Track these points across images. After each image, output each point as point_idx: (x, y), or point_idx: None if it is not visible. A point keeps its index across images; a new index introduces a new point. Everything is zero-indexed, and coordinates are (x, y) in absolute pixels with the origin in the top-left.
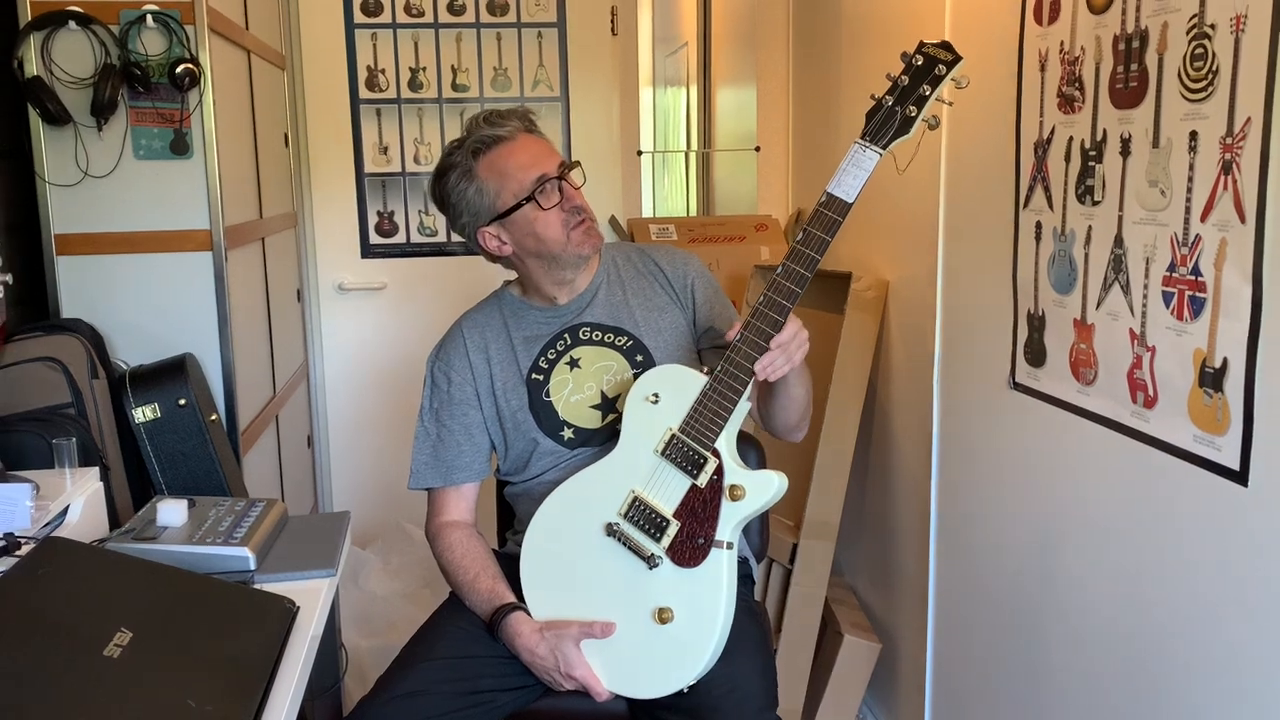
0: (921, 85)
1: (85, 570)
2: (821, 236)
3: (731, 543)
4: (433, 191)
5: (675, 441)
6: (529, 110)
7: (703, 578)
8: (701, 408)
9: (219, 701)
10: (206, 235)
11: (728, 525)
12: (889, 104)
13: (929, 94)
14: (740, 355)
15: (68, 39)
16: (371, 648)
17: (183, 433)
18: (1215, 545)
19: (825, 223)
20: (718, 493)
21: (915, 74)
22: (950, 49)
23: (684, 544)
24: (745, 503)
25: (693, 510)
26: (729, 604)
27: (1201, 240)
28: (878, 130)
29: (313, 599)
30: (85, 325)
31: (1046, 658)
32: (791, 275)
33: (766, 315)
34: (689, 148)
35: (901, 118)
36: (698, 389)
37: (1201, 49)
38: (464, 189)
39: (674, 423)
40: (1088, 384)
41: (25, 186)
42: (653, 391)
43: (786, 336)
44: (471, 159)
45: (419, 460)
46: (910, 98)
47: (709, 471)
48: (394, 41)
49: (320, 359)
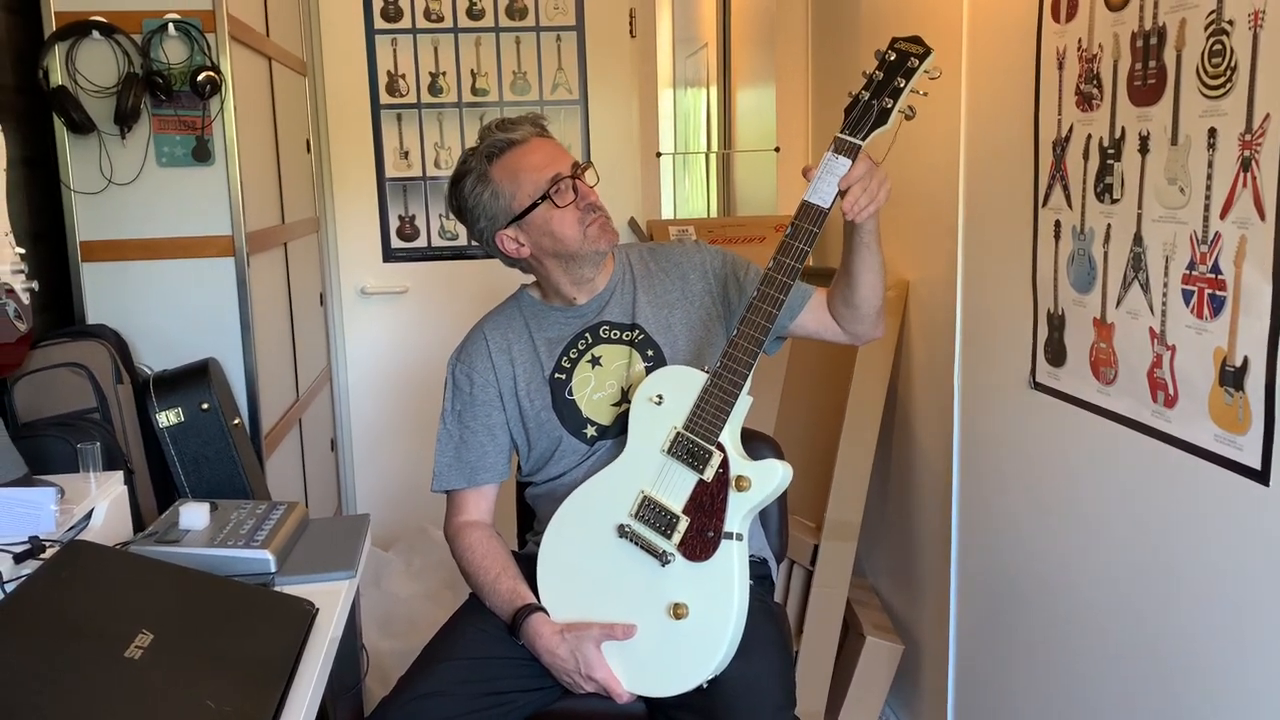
0: (896, 78)
1: (108, 573)
2: (801, 246)
3: (741, 534)
4: (449, 199)
5: (680, 439)
6: (540, 115)
7: (715, 570)
8: (704, 404)
9: (238, 702)
10: (229, 241)
11: (736, 516)
12: (865, 98)
13: (903, 86)
14: (738, 350)
15: (91, 49)
16: (393, 649)
17: (206, 436)
18: (1237, 545)
19: (803, 233)
20: (724, 485)
21: (889, 68)
22: (921, 43)
23: (694, 538)
24: (751, 493)
25: (701, 504)
26: (742, 594)
27: (1221, 238)
28: (856, 123)
29: (332, 601)
30: (110, 331)
31: (1069, 658)
32: (783, 268)
33: (761, 309)
34: (709, 149)
35: (879, 110)
36: (699, 386)
37: (1220, 45)
38: (480, 193)
39: (678, 421)
40: (1108, 383)
41: (51, 194)
42: (656, 393)
43: (858, 173)
44: (486, 163)
45: (442, 462)
46: (885, 91)
47: (714, 465)
48: (414, 47)
49: (343, 363)
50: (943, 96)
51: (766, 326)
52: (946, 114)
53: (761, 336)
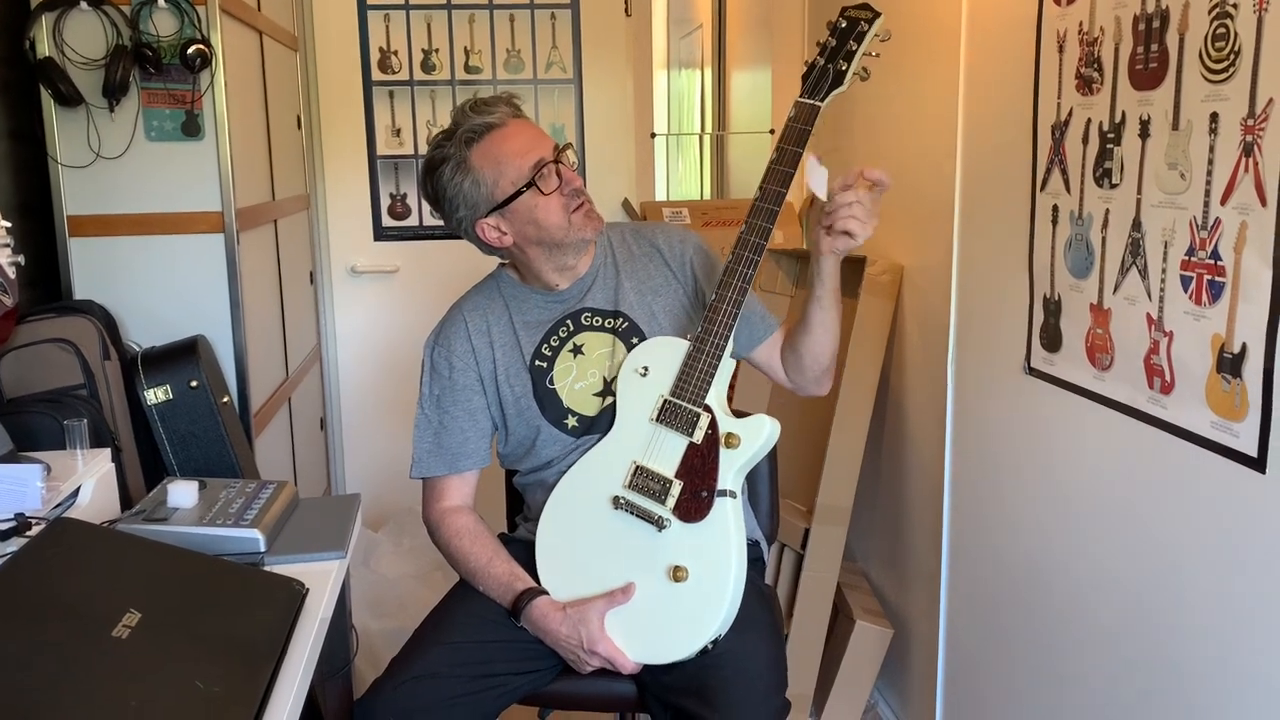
0: (849, 42)
1: (95, 551)
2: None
3: (735, 492)
4: (424, 188)
5: (668, 406)
6: (513, 95)
7: (710, 529)
8: (689, 370)
9: (226, 682)
10: (218, 217)
11: (728, 473)
12: (821, 63)
13: (856, 49)
14: (718, 314)
15: (79, 20)
16: (382, 630)
17: (194, 414)
18: (1232, 531)
19: (770, 194)
20: (714, 444)
21: (840, 34)
22: (869, 8)
23: (689, 500)
24: (741, 449)
25: (692, 467)
26: (740, 550)
27: (1221, 223)
28: (814, 86)
29: (322, 581)
30: (97, 307)
31: (1059, 644)
32: (754, 229)
33: (737, 270)
34: (703, 130)
35: (834, 73)
36: (683, 353)
37: (1223, 29)
38: (460, 182)
39: (664, 389)
40: (1104, 369)
41: (37, 168)
42: (642, 365)
43: (850, 197)
44: (465, 149)
45: (421, 448)
46: (840, 54)
47: (703, 426)
48: (406, 23)
49: (333, 342)
50: (940, 79)
51: (744, 288)
52: (943, 97)
53: (740, 298)
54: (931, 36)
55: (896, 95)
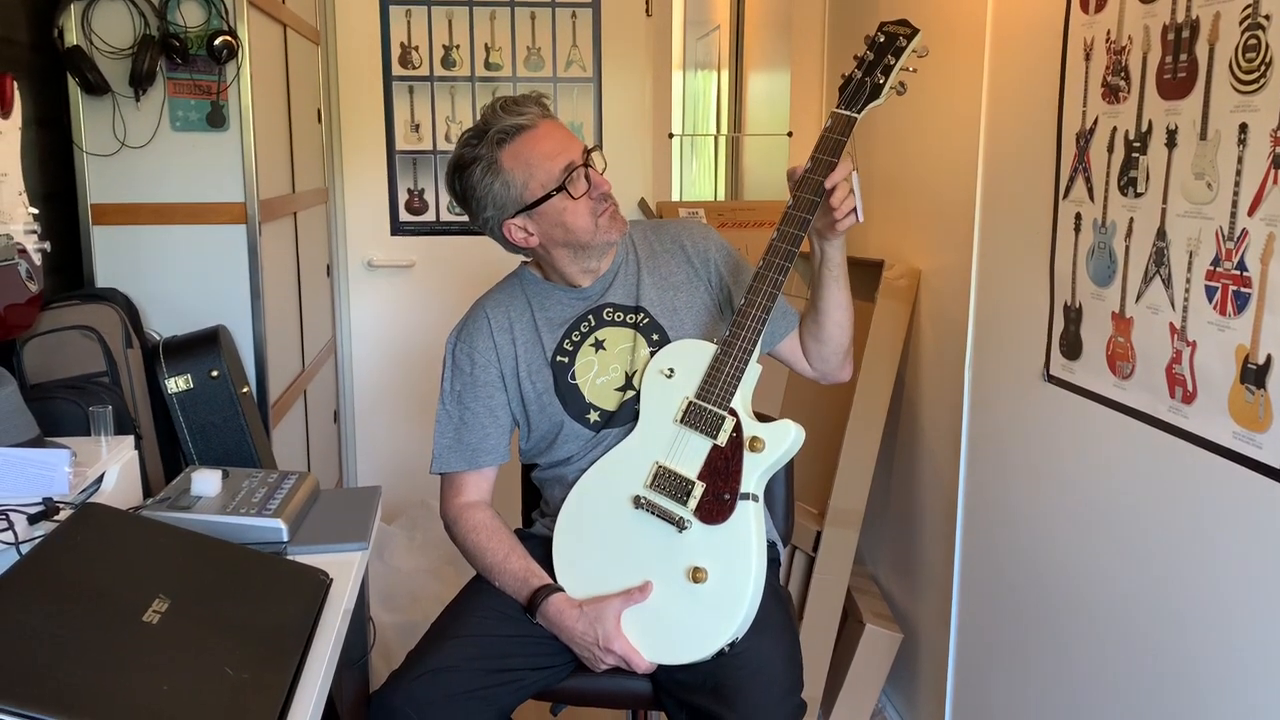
0: (886, 57)
1: (122, 537)
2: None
3: (757, 495)
4: (451, 186)
5: (693, 408)
6: (542, 94)
7: (732, 531)
8: (715, 373)
9: (255, 670)
10: (241, 208)
11: (751, 477)
12: (858, 76)
13: (894, 64)
14: (747, 318)
15: (108, 9)
16: (395, 623)
17: (214, 404)
18: (1253, 544)
19: (804, 203)
20: (738, 448)
21: (879, 49)
22: (908, 24)
23: (711, 502)
24: (766, 453)
25: (715, 469)
26: (760, 554)
27: (1248, 234)
28: (851, 98)
29: (345, 571)
30: (120, 295)
31: (1071, 653)
32: (786, 237)
33: (767, 277)
34: (719, 132)
35: (871, 85)
36: (709, 357)
37: (1255, 40)
38: (489, 183)
39: (690, 392)
40: (1124, 378)
41: (63, 156)
42: (667, 367)
43: (840, 174)
44: (496, 149)
45: (441, 444)
46: (878, 68)
47: (728, 429)
48: (428, 18)
49: (348, 335)
50: (963, 85)
51: (774, 294)
52: (966, 103)
53: (769, 304)
54: (956, 41)
55: (919, 98)
